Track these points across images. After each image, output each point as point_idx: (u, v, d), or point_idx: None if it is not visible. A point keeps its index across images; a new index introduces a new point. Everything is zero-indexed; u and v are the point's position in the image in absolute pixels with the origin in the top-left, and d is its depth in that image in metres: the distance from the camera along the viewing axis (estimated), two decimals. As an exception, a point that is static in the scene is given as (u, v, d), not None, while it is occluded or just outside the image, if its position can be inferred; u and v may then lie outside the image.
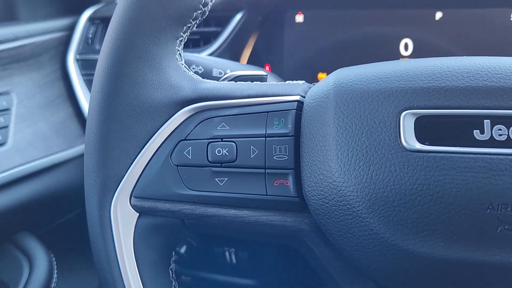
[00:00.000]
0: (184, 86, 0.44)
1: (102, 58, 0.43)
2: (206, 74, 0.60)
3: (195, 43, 0.86)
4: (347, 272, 0.42)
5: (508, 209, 0.34)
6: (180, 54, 0.46)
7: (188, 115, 0.44)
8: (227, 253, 0.80)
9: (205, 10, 0.45)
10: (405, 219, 0.36)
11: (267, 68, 0.87)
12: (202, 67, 0.60)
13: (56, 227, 0.88)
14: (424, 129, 0.37)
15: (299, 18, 0.85)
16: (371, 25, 0.83)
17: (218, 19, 0.85)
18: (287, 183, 0.41)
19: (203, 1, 0.45)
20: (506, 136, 0.35)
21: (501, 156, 0.35)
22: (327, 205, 0.39)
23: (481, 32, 0.79)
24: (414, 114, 0.37)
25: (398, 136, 0.37)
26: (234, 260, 0.80)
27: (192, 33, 0.85)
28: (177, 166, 0.43)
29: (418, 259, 0.36)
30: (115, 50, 0.42)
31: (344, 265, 0.42)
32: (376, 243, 0.37)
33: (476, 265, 0.35)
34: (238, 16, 0.83)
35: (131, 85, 0.42)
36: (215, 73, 0.60)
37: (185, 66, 0.46)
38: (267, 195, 0.41)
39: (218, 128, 0.43)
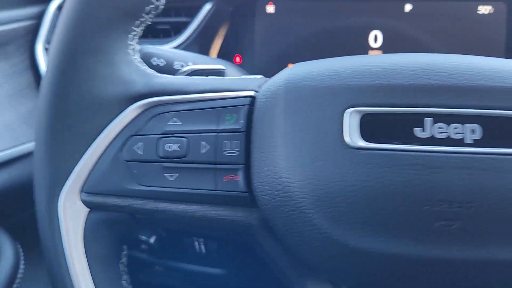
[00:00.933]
0: (136, 81, 0.44)
1: (52, 51, 0.43)
2: (168, 67, 0.60)
3: (166, 33, 0.85)
4: (296, 266, 0.43)
5: (445, 206, 0.35)
6: (133, 48, 0.45)
7: (140, 111, 0.44)
8: (196, 243, 0.80)
9: (158, 5, 0.45)
10: (347, 215, 0.37)
11: (237, 59, 0.87)
12: (164, 59, 0.60)
13: (24, 218, 0.88)
14: (369, 127, 0.37)
15: (270, 8, 0.85)
16: (342, 16, 0.83)
17: (188, 9, 0.84)
18: (237, 178, 0.41)
19: None
20: (447, 134, 0.36)
21: (440, 154, 0.35)
22: (274, 200, 0.39)
23: (450, 25, 0.80)
24: (359, 111, 0.37)
25: (342, 133, 0.37)
26: (203, 250, 0.80)
27: (162, 23, 0.85)
28: (128, 161, 0.43)
29: (360, 255, 0.37)
30: (64, 44, 0.42)
31: (292, 259, 0.42)
32: (319, 238, 0.38)
33: (416, 260, 0.36)
34: (208, 6, 0.82)
35: (82, 79, 0.42)
36: (176, 65, 0.60)
37: (138, 61, 0.46)
38: (216, 190, 0.42)
39: (169, 123, 0.43)
